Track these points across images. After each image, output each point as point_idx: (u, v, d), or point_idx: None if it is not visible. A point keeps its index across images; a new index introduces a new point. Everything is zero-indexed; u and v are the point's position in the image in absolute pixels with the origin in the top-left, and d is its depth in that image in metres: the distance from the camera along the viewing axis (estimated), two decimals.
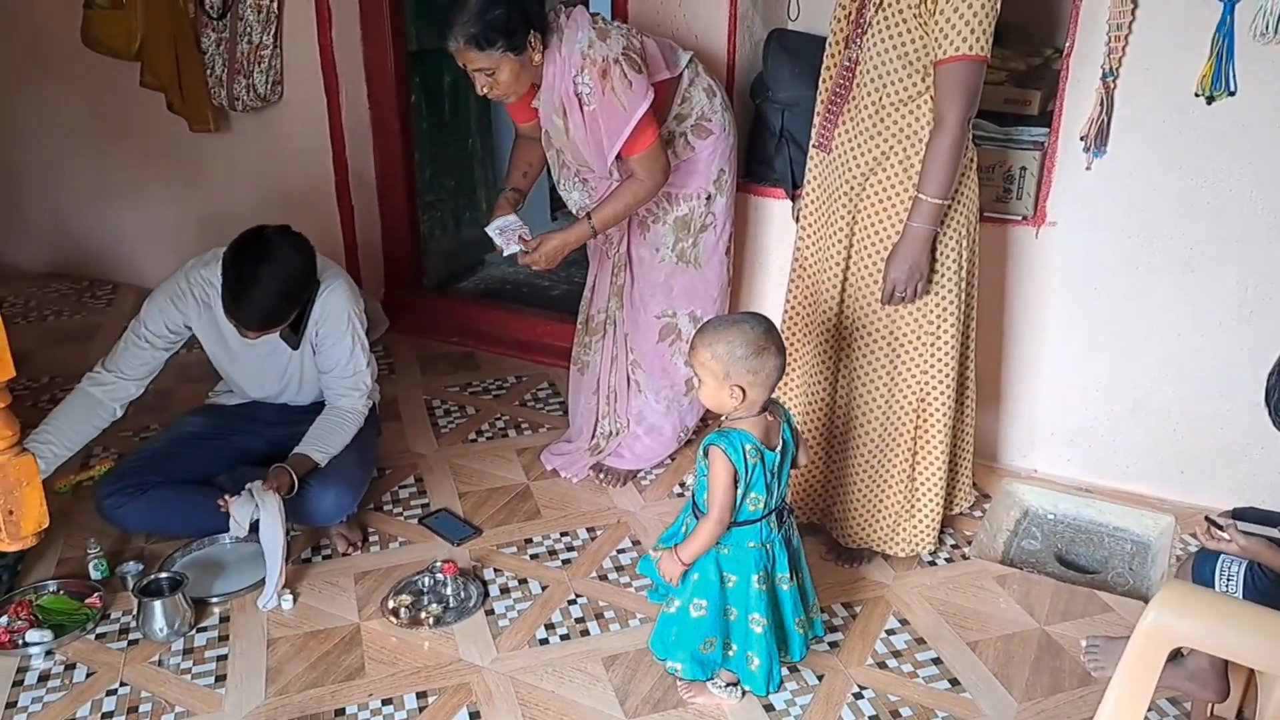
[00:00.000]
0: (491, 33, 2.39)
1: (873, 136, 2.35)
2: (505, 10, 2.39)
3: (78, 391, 2.65)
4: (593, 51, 2.50)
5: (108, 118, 4.21)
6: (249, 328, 2.51)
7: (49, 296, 4.41)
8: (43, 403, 3.48)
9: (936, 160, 2.25)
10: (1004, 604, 2.58)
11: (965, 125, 2.24)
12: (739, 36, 3.07)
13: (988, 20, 2.16)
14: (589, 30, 2.52)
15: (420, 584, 2.59)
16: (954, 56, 2.18)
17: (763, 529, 2.12)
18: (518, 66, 2.47)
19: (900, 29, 2.23)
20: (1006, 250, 2.93)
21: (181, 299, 2.66)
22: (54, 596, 2.56)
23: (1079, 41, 2.65)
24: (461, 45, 2.41)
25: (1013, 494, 3.05)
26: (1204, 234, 2.71)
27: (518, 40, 2.43)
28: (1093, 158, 2.74)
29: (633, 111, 2.51)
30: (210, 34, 3.73)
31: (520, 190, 2.89)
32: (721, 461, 2.03)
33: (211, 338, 2.72)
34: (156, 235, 4.34)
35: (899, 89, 2.28)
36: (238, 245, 2.48)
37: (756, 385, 2.05)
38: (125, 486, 2.67)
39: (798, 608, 2.20)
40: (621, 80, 2.49)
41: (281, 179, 3.94)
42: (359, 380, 2.73)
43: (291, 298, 2.53)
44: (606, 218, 2.67)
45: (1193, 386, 2.85)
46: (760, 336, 2.04)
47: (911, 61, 2.25)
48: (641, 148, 2.57)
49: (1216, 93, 2.56)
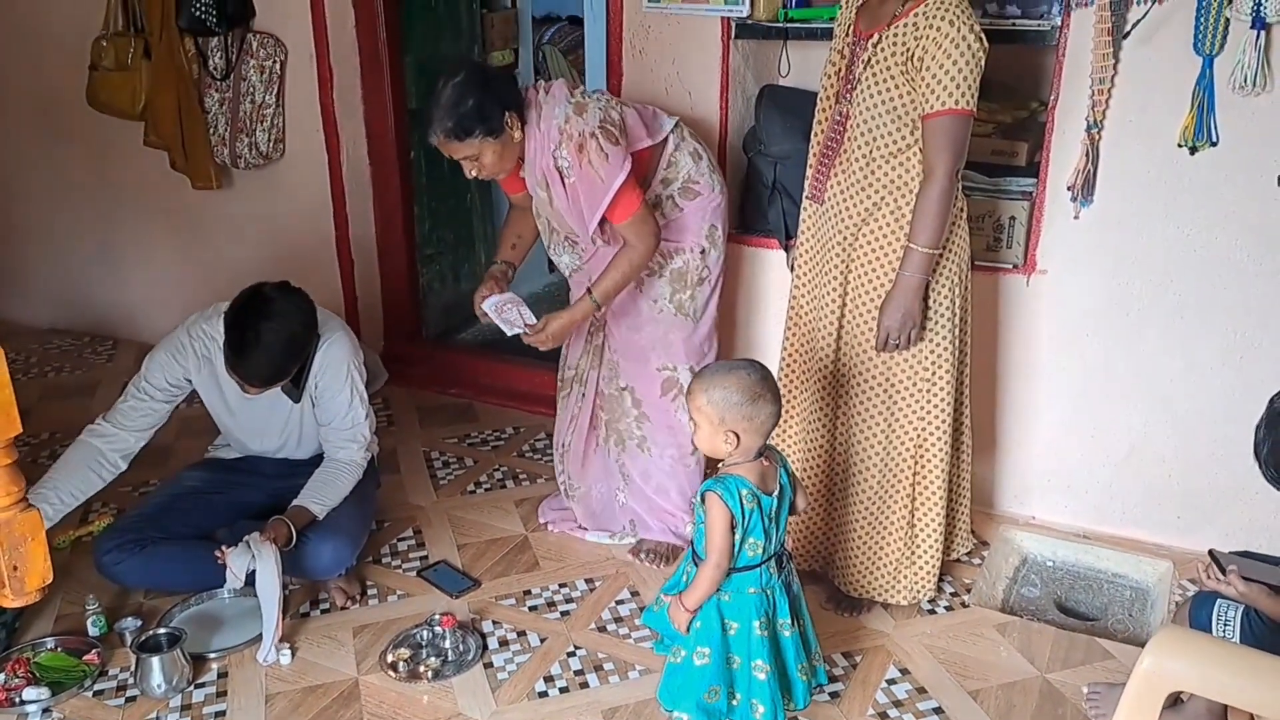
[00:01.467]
0: (467, 122, 2.45)
1: (864, 188, 2.39)
2: (477, 100, 2.44)
3: (78, 443, 2.66)
4: (569, 127, 2.53)
5: (111, 176, 4.27)
6: (252, 384, 2.54)
7: (50, 352, 4.44)
8: (43, 458, 3.49)
9: (927, 211, 2.30)
10: (1004, 652, 2.58)
11: (954, 176, 2.30)
12: (731, 92, 3.13)
13: (973, 76, 2.23)
14: (566, 105, 2.55)
15: (419, 637, 2.59)
16: (940, 111, 2.24)
17: (763, 574, 2.13)
18: (499, 147, 2.52)
19: (889, 84, 2.29)
20: (998, 298, 2.96)
21: (182, 353, 2.69)
22: (52, 653, 2.55)
23: (1063, 95, 2.71)
24: (441, 138, 2.48)
25: (1011, 541, 3.05)
26: (1192, 281, 2.74)
27: (494, 124, 2.48)
28: (1080, 207, 2.78)
29: (610, 183, 2.53)
30: (214, 94, 3.80)
31: (510, 263, 2.90)
32: (718, 508, 2.04)
33: (211, 392, 2.74)
34: (158, 291, 4.39)
35: (889, 142, 2.34)
36: (239, 304, 2.51)
37: (751, 431, 2.07)
38: (124, 542, 2.67)
39: (800, 654, 2.20)
40: (598, 153, 2.51)
41: (283, 234, 3.99)
42: (358, 432, 2.74)
43: (294, 354, 2.57)
44: (608, 290, 2.68)
45: (1187, 431, 2.87)
46: (756, 384, 2.06)
47: (900, 116, 2.30)
48: (626, 215, 2.59)
49: (1199, 143, 2.61)
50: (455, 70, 2.49)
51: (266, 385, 2.56)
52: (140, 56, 3.81)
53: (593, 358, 2.95)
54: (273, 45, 3.72)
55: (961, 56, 2.20)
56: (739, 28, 3.07)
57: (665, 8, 3.10)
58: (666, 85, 3.19)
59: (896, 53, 2.27)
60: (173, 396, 2.72)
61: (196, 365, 2.69)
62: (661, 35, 3.15)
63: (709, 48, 3.10)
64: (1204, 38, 2.51)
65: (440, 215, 4.32)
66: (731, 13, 3.02)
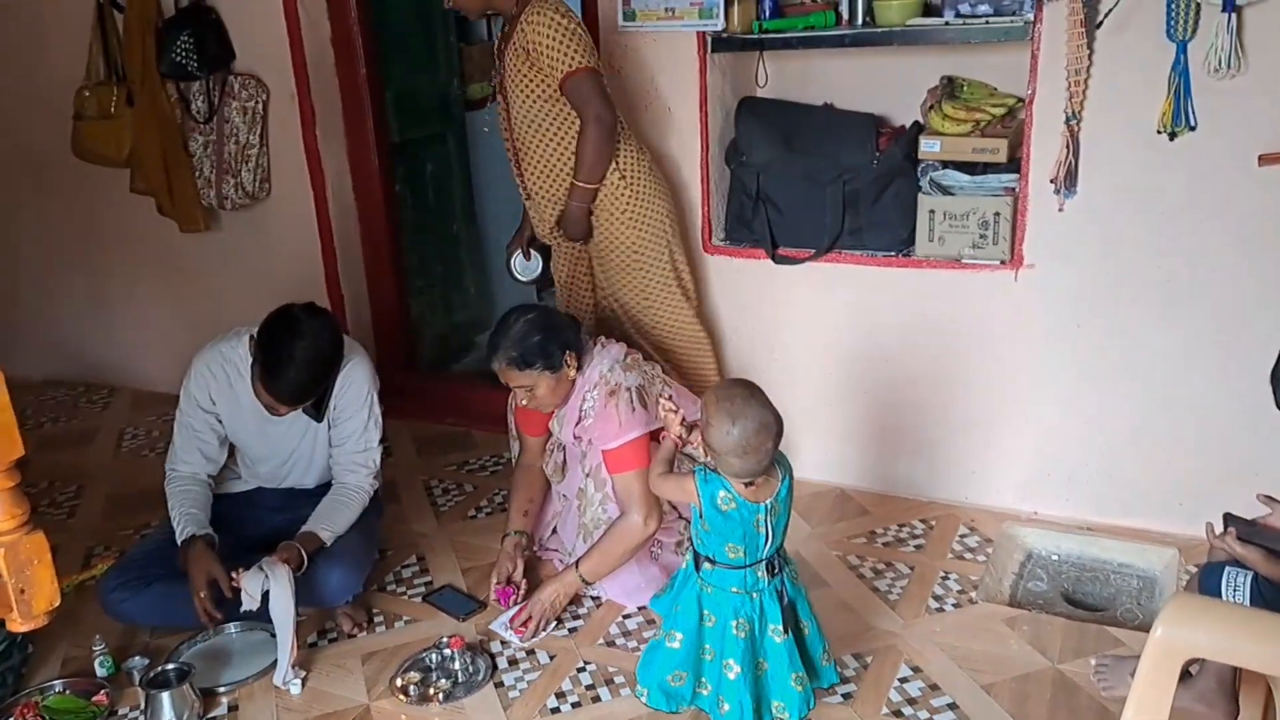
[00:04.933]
0: (530, 355, 2.58)
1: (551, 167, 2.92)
2: (542, 338, 2.59)
3: (170, 489, 2.70)
4: (610, 375, 2.64)
5: (99, 225, 4.28)
6: (285, 403, 2.56)
7: (45, 404, 4.43)
8: (43, 506, 3.48)
9: (582, 152, 2.82)
10: (1015, 645, 2.57)
11: (601, 122, 2.78)
12: (710, 105, 3.16)
13: (578, 43, 2.76)
14: (616, 361, 2.67)
15: (428, 660, 2.57)
16: (568, 73, 2.76)
17: (747, 577, 2.16)
18: (554, 382, 2.63)
19: (526, 87, 2.82)
20: (988, 295, 2.98)
21: (203, 378, 2.70)
22: (60, 696, 2.52)
23: (1040, 88, 2.74)
24: (503, 366, 2.61)
25: (1014, 537, 3.05)
26: (1180, 265, 2.77)
27: (554, 361, 2.60)
28: (1064, 199, 2.81)
29: (626, 431, 2.58)
30: (198, 137, 3.82)
31: (525, 532, 2.90)
32: (690, 483, 2.15)
33: (231, 410, 2.73)
34: (151, 337, 4.39)
35: (549, 133, 2.87)
36: (270, 324, 2.54)
37: (722, 466, 2.12)
38: (128, 580, 2.66)
39: (794, 662, 2.20)
40: (627, 405, 2.59)
41: (272, 273, 4.00)
42: (369, 457, 2.76)
43: (325, 372, 2.60)
44: (595, 569, 2.68)
45: (1182, 416, 2.88)
46: (739, 441, 2.07)
47: (546, 106, 2.83)
48: (628, 468, 2.59)
49: (1178, 129, 2.64)
50: (527, 309, 2.68)
51: (298, 403, 2.59)
52: (123, 104, 3.84)
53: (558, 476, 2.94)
54: (254, 86, 3.74)
55: (559, 31, 2.72)
56: (715, 41, 3.10)
57: (641, 25, 3.13)
58: (646, 102, 3.22)
59: (518, 57, 2.80)
60: (215, 420, 2.73)
61: (218, 386, 2.70)
62: (639, 53, 3.18)
63: (686, 63, 3.13)
64: (1176, 23, 2.55)
65: (428, 247, 4.34)
66: (706, 27, 3.05)
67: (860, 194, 3.06)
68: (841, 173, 3.04)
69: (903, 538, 3.07)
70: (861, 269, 3.11)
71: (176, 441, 2.74)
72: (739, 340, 3.35)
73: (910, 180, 3.03)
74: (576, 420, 2.70)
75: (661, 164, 3.25)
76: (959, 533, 3.07)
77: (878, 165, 3.01)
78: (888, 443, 3.27)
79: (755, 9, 3.11)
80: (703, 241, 3.29)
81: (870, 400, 3.25)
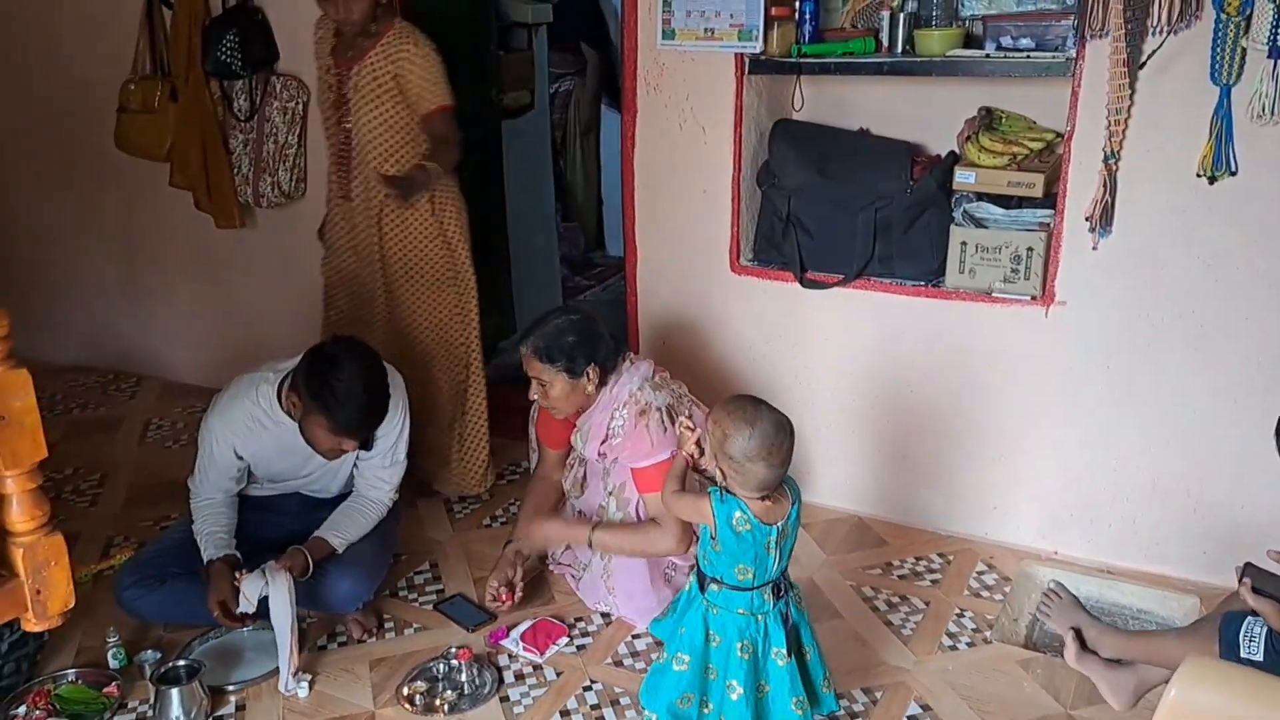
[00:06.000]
0: (555, 351, 2.61)
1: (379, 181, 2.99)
2: (575, 341, 2.62)
3: (198, 512, 2.70)
4: (640, 394, 2.64)
5: (136, 217, 4.34)
6: (357, 438, 2.57)
7: (74, 389, 4.48)
8: (66, 493, 3.53)
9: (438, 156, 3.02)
10: (1028, 688, 2.54)
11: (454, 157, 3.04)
12: (745, 127, 3.15)
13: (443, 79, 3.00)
14: (645, 380, 2.67)
15: (435, 670, 2.58)
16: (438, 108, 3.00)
17: (754, 599, 2.15)
18: (569, 388, 2.64)
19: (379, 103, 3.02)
20: (1017, 330, 2.95)
21: (224, 440, 2.67)
22: (72, 686, 2.55)
23: (1080, 126, 2.72)
24: (528, 351, 2.65)
25: (1033, 576, 3.01)
26: (1214, 311, 2.73)
27: (577, 366, 2.62)
28: (1099, 237, 2.78)
29: (658, 451, 2.58)
30: (238, 135, 3.86)
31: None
32: (705, 504, 2.13)
33: (253, 451, 2.71)
34: (181, 329, 4.44)
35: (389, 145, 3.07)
36: (316, 373, 2.50)
37: (735, 478, 2.11)
38: (144, 578, 2.68)
39: (795, 686, 2.19)
40: (658, 425, 2.59)
41: (303, 271, 4.01)
42: (394, 473, 2.78)
43: (385, 394, 2.62)
44: (607, 543, 2.70)
45: (1211, 464, 2.84)
46: (757, 448, 2.07)
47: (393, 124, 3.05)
48: (658, 488, 2.56)
49: (1218, 173, 2.61)
50: (574, 311, 2.74)
51: (368, 434, 2.62)
52: (167, 99, 3.88)
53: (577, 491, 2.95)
54: (295, 87, 3.78)
55: (433, 67, 2.97)
56: (752, 63, 3.09)
57: (679, 45, 3.13)
58: (680, 121, 3.22)
59: (382, 80, 2.98)
60: (240, 461, 2.72)
61: (243, 441, 2.68)
62: (676, 72, 3.18)
63: (723, 83, 3.12)
64: (1220, 67, 2.52)
65: None
66: (745, 49, 3.05)
67: (892, 222, 3.04)
68: (874, 199, 3.02)
69: (919, 571, 3.04)
70: (890, 297, 3.09)
71: (200, 474, 2.72)
72: (762, 362, 3.34)
73: (943, 210, 3.01)
74: (603, 438, 2.69)
75: (693, 183, 3.26)
76: (976, 569, 3.05)
77: (911, 194, 2.99)
78: (908, 473, 3.25)
79: (795, 33, 3.10)
80: (730, 261, 3.28)
81: (892, 429, 3.23)
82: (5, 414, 1.33)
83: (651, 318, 3.51)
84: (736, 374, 3.34)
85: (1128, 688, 2.34)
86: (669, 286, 3.44)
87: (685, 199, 3.30)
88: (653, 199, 3.37)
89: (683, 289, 3.41)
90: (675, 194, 3.32)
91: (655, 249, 3.42)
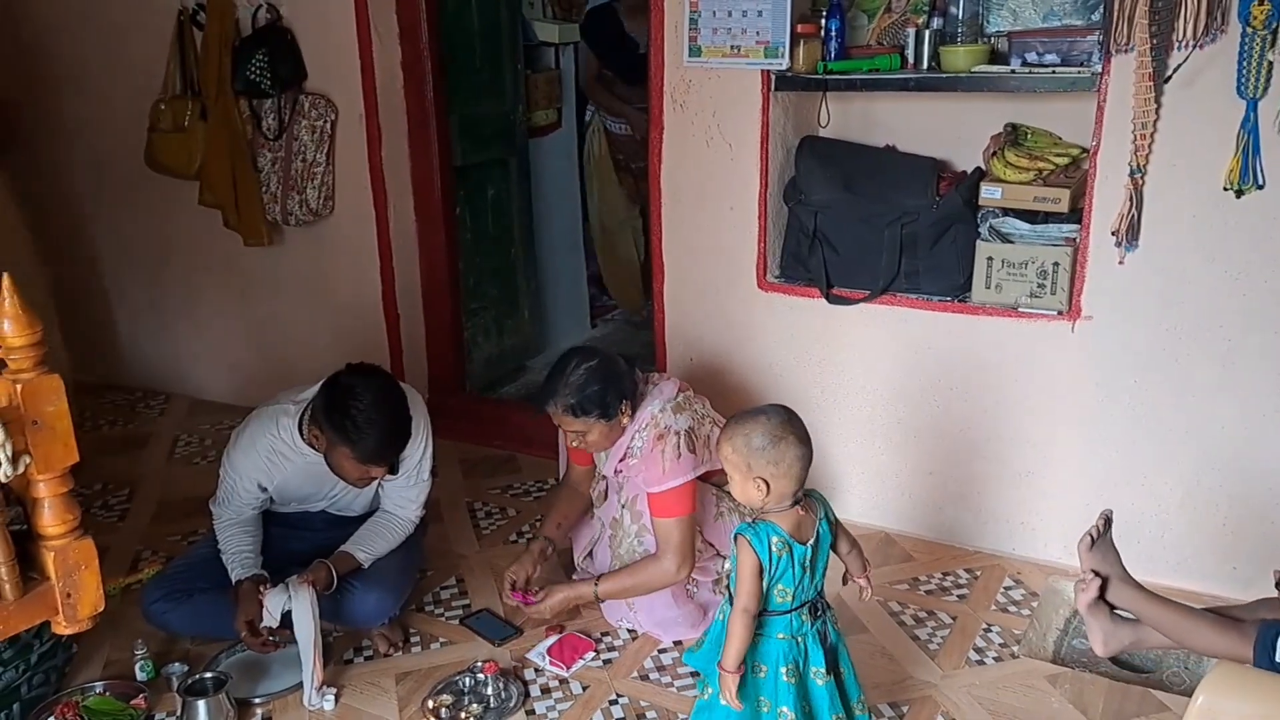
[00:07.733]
0: (588, 404, 2.57)
1: None
2: (601, 388, 2.57)
3: (220, 533, 2.71)
4: (660, 417, 2.63)
5: (166, 235, 4.38)
6: (382, 465, 2.58)
7: (103, 407, 4.53)
8: (95, 509, 3.56)
9: None
10: (1056, 704, 2.52)
11: None
12: (771, 144, 3.17)
13: None
14: (666, 402, 2.66)
15: (461, 684, 2.58)
16: None
17: (793, 621, 2.12)
18: (607, 429, 2.63)
19: None
20: (1044, 345, 2.94)
21: (250, 478, 2.69)
22: (100, 697, 2.57)
23: (1105, 140, 2.72)
24: (559, 411, 2.60)
25: (1060, 592, 2.99)
26: (1242, 325, 2.71)
27: (610, 411, 2.59)
28: (1125, 252, 2.77)
29: (670, 477, 2.57)
30: (266, 153, 3.91)
31: (553, 540, 2.93)
32: (746, 551, 2.05)
33: (277, 479, 2.73)
34: (209, 346, 4.48)
35: None
36: (334, 404, 2.50)
37: (779, 476, 2.07)
38: (171, 591, 2.70)
39: (835, 704, 2.16)
40: (674, 450, 2.58)
41: (331, 289, 4.07)
42: (420, 492, 2.78)
43: (407, 420, 2.61)
44: (612, 592, 2.71)
45: (1240, 479, 2.82)
46: (777, 427, 2.06)
47: None
48: (670, 514, 2.60)
49: (1245, 187, 2.60)
50: (588, 356, 2.64)
51: (394, 458, 2.62)
52: (197, 118, 3.94)
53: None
54: (324, 106, 3.82)
55: None
56: (779, 80, 3.11)
57: (706, 62, 3.15)
58: (707, 138, 3.24)
59: None
60: (264, 491, 2.74)
61: (267, 474, 2.70)
62: (702, 89, 3.20)
63: (749, 100, 3.14)
64: (1247, 81, 2.51)
65: (484, 270, 4.39)
66: (771, 66, 3.06)
67: (918, 237, 3.04)
68: (900, 215, 3.03)
69: (946, 586, 3.03)
70: (916, 313, 3.09)
71: (222, 502, 2.74)
72: (788, 378, 3.34)
73: (969, 226, 3.01)
74: (621, 457, 2.70)
75: (720, 199, 3.27)
76: (1004, 584, 3.02)
77: (937, 209, 3.00)
78: (935, 488, 3.24)
79: (821, 50, 3.11)
80: (757, 278, 3.29)
81: (919, 445, 3.22)
82: (38, 418, 1.35)
83: (679, 334, 3.52)
84: (763, 390, 3.34)
85: (1122, 641, 2.22)
86: (696, 303, 3.44)
87: (712, 215, 3.32)
88: (679, 216, 3.38)
89: (710, 305, 3.42)
90: (702, 210, 3.33)
91: (682, 265, 3.44)
